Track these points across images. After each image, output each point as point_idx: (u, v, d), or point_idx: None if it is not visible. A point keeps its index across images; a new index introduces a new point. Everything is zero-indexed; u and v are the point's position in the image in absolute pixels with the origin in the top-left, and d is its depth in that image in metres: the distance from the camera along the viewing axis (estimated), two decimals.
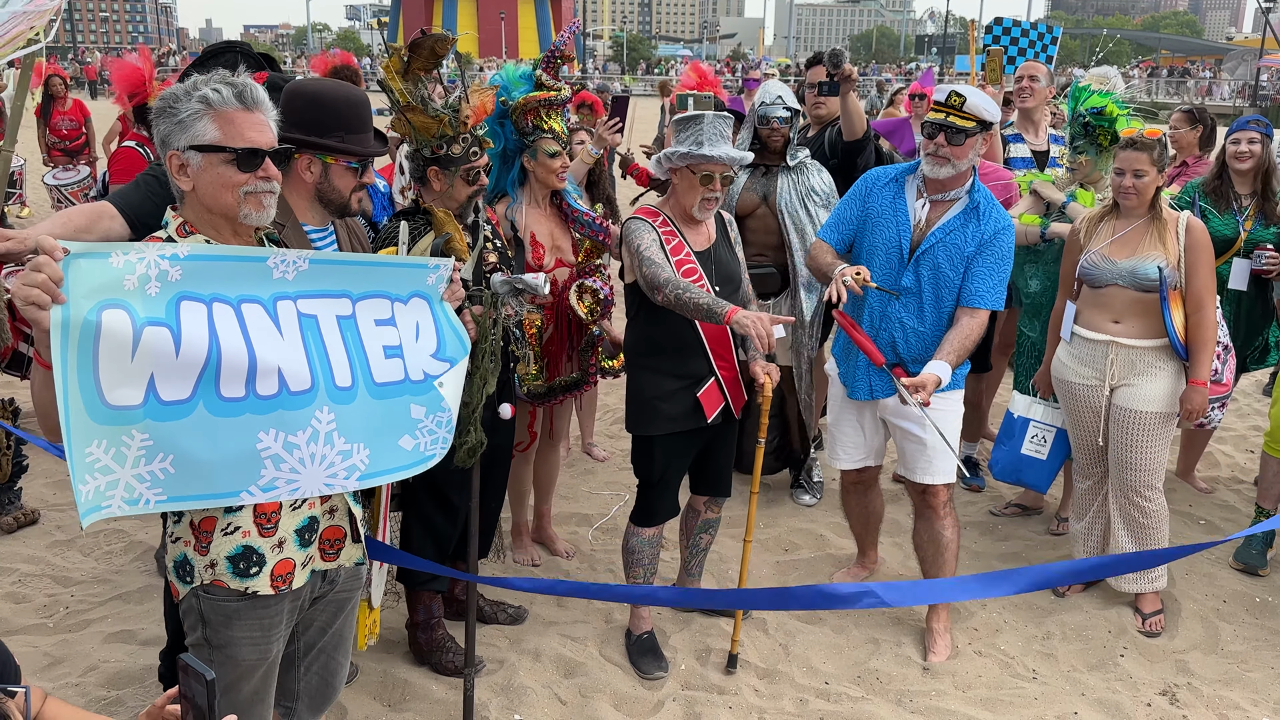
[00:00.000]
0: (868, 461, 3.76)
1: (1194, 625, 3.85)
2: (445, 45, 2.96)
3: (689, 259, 3.28)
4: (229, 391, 1.92)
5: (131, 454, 1.85)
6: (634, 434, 3.42)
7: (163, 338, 1.85)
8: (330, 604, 2.31)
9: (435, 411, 2.29)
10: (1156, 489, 3.76)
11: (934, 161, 3.31)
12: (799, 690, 3.43)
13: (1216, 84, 44.08)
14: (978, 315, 3.34)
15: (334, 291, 2.12)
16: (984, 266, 3.33)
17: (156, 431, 1.87)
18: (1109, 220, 3.75)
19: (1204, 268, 3.60)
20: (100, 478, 1.83)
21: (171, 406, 1.88)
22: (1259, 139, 4.54)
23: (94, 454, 1.82)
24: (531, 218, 3.74)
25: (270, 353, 1.96)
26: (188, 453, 1.90)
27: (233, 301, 1.94)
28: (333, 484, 2.08)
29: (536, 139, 3.59)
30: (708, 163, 3.17)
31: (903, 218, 3.41)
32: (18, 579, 4.03)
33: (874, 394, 3.54)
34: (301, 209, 2.62)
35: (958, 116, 3.25)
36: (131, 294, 1.82)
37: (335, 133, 2.55)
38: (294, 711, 2.39)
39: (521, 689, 3.37)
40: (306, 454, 2.03)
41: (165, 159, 1.95)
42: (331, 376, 2.08)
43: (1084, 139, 4.24)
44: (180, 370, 1.87)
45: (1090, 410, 3.80)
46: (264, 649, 2.13)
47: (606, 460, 5.40)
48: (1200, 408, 3.62)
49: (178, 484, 1.90)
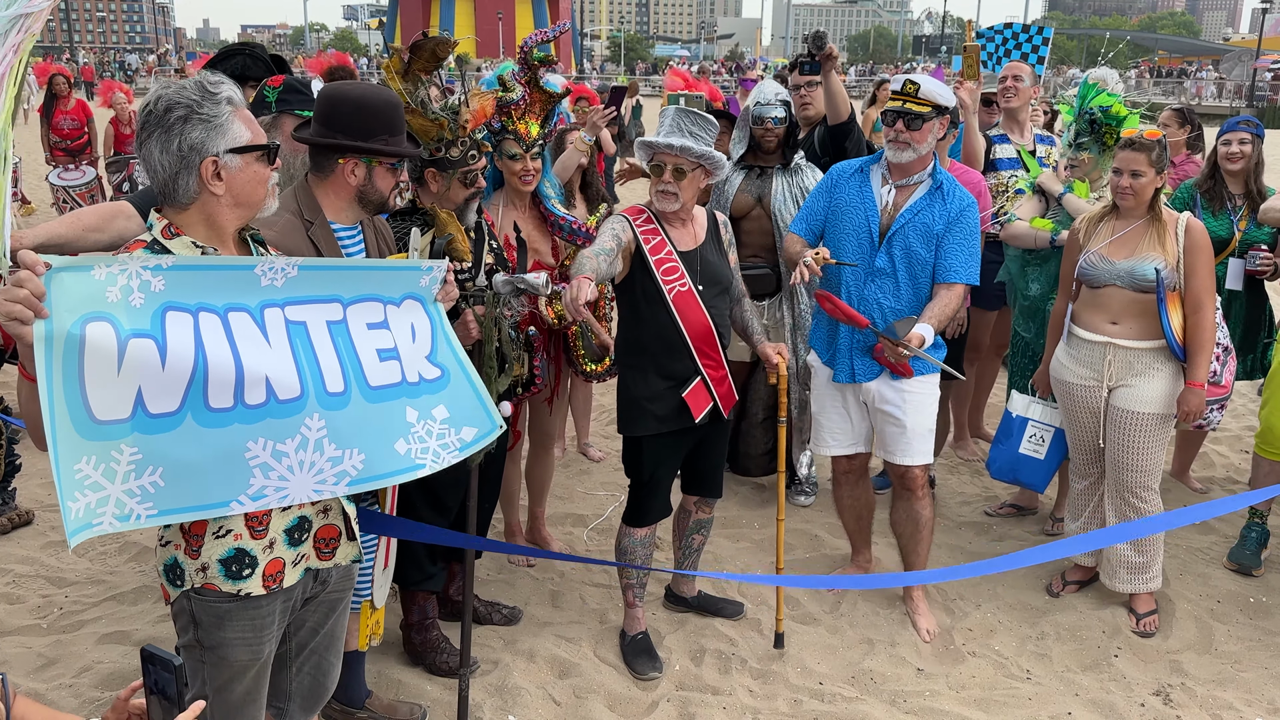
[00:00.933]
0: (858, 447, 3.83)
1: (1188, 625, 3.86)
2: (446, 48, 2.97)
3: (670, 257, 3.28)
4: (217, 402, 1.92)
5: (121, 469, 1.84)
6: (623, 434, 3.43)
7: (148, 349, 1.84)
8: (322, 604, 2.31)
9: (425, 419, 2.27)
10: (1153, 489, 3.76)
11: (896, 147, 3.48)
12: (793, 690, 3.43)
13: (1205, 84, 44.08)
14: (954, 289, 3.52)
15: (324, 297, 2.12)
16: (955, 243, 3.50)
17: (145, 445, 1.86)
18: (1108, 220, 3.74)
19: (1203, 269, 3.59)
20: (90, 494, 1.81)
21: (159, 419, 1.86)
22: (1250, 139, 4.55)
23: (83, 470, 1.80)
24: (508, 219, 3.74)
25: (257, 362, 1.96)
26: (177, 465, 1.89)
27: (219, 310, 1.93)
28: (321, 490, 2.08)
29: (501, 139, 3.58)
30: (657, 151, 3.20)
31: (870, 204, 3.57)
32: (12, 580, 4.02)
33: (856, 377, 3.63)
34: (336, 209, 2.65)
35: (914, 103, 3.44)
36: (115, 306, 1.81)
37: (379, 136, 2.59)
38: (286, 712, 2.39)
39: (516, 690, 3.37)
40: (295, 461, 2.03)
41: (192, 167, 1.92)
42: (322, 383, 2.07)
43: (1089, 136, 4.23)
44: (167, 382, 1.86)
45: (1088, 410, 3.81)
46: (256, 649, 2.13)
47: (602, 460, 5.40)
48: (1198, 409, 3.62)
49: (168, 497, 1.89)
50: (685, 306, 3.28)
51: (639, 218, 3.32)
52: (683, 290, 3.28)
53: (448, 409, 2.32)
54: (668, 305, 3.26)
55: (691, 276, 3.30)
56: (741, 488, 4.96)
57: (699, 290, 3.30)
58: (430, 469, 2.26)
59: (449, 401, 2.33)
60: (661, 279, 3.26)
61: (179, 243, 1.96)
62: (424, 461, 2.25)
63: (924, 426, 3.66)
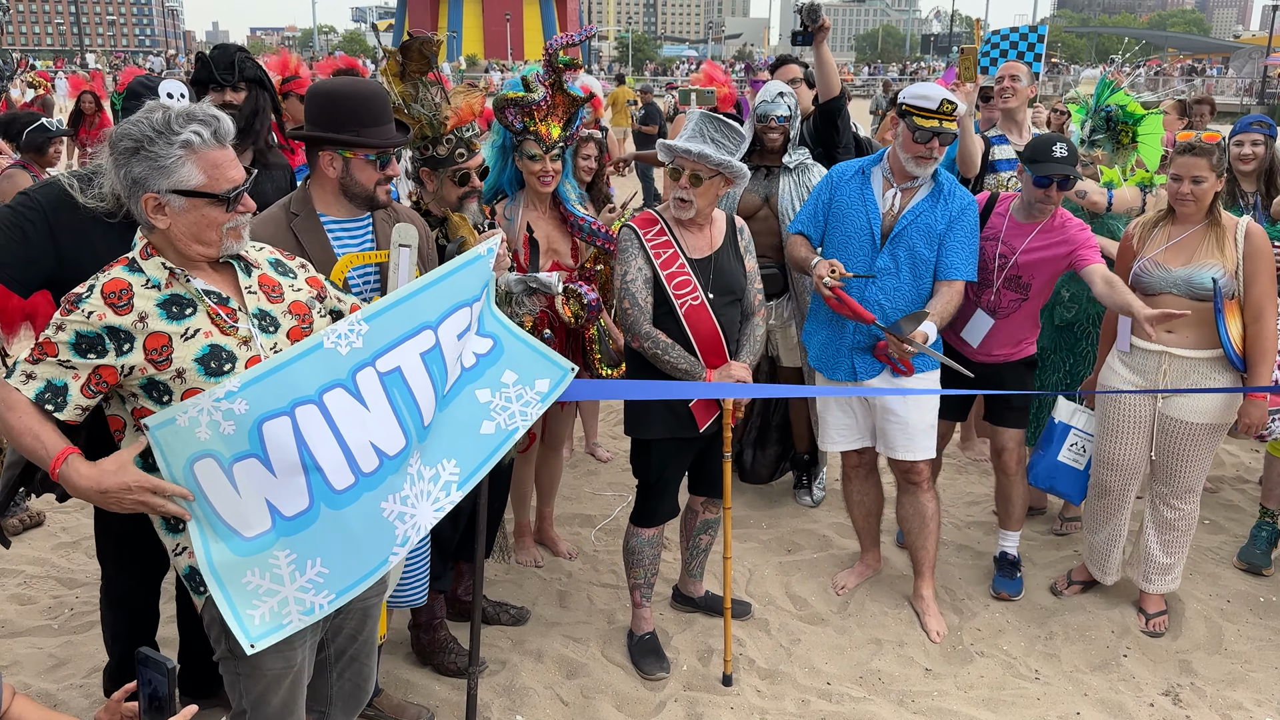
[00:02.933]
0: (864, 441, 3.84)
1: (1197, 625, 3.84)
2: (431, 46, 3.01)
3: (683, 270, 3.25)
4: (339, 483, 2.01)
5: (285, 571, 1.96)
6: (631, 437, 3.43)
7: (254, 468, 1.93)
8: (357, 611, 2.33)
9: (499, 390, 2.37)
10: (1195, 493, 3.72)
11: (924, 164, 3.50)
12: (801, 691, 3.43)
13: (1215, 81, 43.86)
14: (954, 285, 3.56)
15: (411, 331, 2.17)
16: (956, 241, 3.54)
17: (295, 544, 1.97)
18: (1163, 226, 3.61)
19: (1264, 275, 3.46)
20: (268, 600, 1.95)
21: (297, 519, 1.97)
22: (1262, 140, 4.54)
23: (251, 581, 1.94)
24: (527, 219, 3.74)
25: (359, 433, 2.04)
26: (332, 550, 2.00)
27: (314, 398, 2.00)
28: (441, 508, 2.20)
29: (522, 140, 3.59)
30: (678, 156, 3.19)
31: (871, 206, 3.59)
32: (23, 580, 4.05)
33: (856, 374, 3.66)
34: (326, 202, 2.71)
35: (950, 122, 3.43)
36: (210, 442, 1.91)
37: (350, 127, 2.61)
38: (327, 715, 2.42)
39: (524, 690, 3.37)
40: (414, 496, 2.14)
41: (136, 198, 1.93)
42: (420, 420, 2.16)
43: (1104, 133, 4.21)
44: (286, 485, 1.96)
45: (1132, 421, 3.68)
46: (288, 657, 2.12)
47: (610, 460, 5.40)
48: (1260, 421, 3.50)
49: (337, 579, 2.01)
50: (696, 319, 3.25)
51: (650, 229, 3.29)
52: (695, 304, 3.25)
53: (514, 371, 2.42)
54: (678, 317, 3.25)
55: (703, 285, 3.26)
56: (749, 488, 4.96)
57: (710, 299, 3.27)
58: (524, 427, 2.38)
59: (512, 364, 2.43)
60: (673, 292, 3.24)
61: (152, 263, 2.00)
62: (516, 425, 2.38)
63: (925, 422, 3.68)
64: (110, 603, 3.02)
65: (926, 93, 3.43)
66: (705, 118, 3.21)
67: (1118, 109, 4.18)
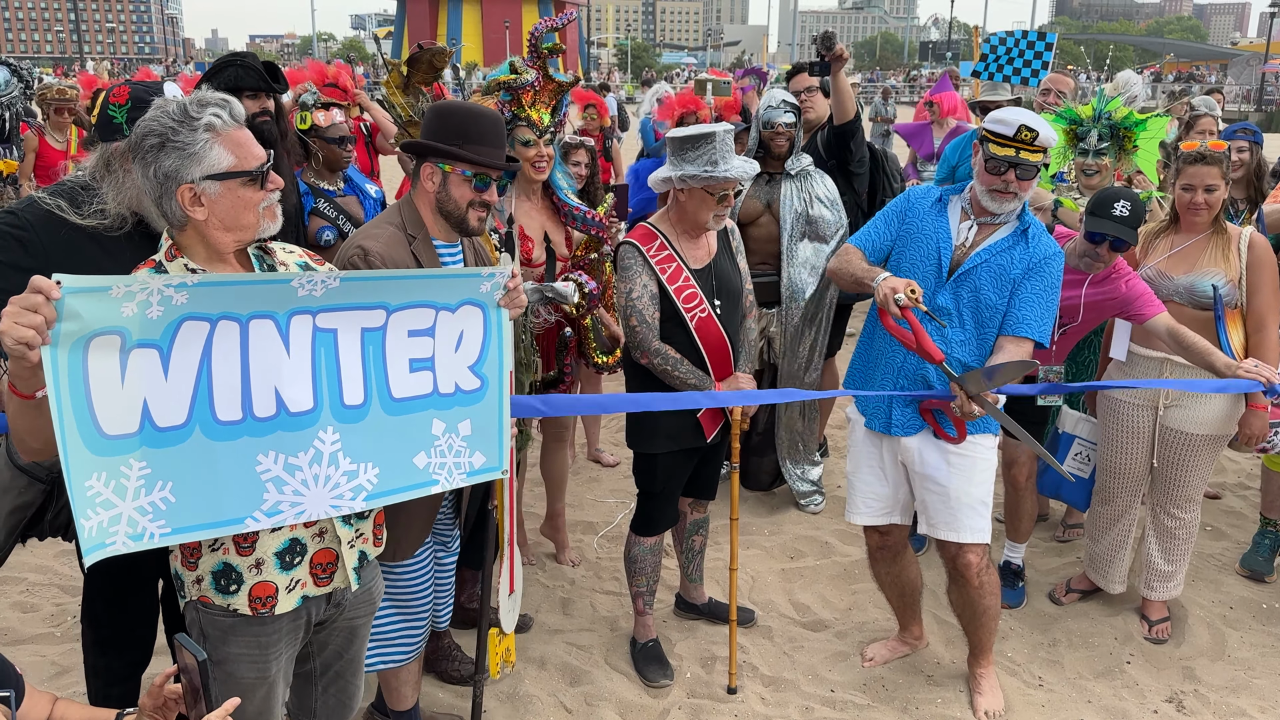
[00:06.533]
0: (893, 517, 3.38)
1: (1201, 632, 3.84)
2: (443, 58, 3.00)
3: (688, 284, 3.25)
4: (225, 415, 1.89)
5: (131, 485, 1.81)
6: (635, 451, 3.42)
7: (150, 359, 1.81)
8: (342, 630, 2.31)
9: (450, 433, 2.24)
10: (1194, 502, 3.72)
11: (1000, 199, 3.04)
12: (804, 698, 3.43)
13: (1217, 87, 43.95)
14: (1023, 345, 3.05)
15: (366, 304, 2.08)
16: (1031, 293, 3.05)
17: (154, 459, 1.82)
18: (1166, 235, 3.61)
19: (1267, 285, 3.45)
20: (102, 513, 1.78)
21: (167, 433, 1.84)
22: (1247, 147, 4.63)
23: (94, 487, 1.77)
24: (521, 210, 3.73)
25: (267, 373, 1.93)
26: (187, 480, 1.86)
27: (241, 319, 1.90)
28: (339, 505, 2.05)
29: (514, 126, 3.57)
30: (724, 182, 3.15)
31: (944, 236, 3.15)
32: (25, 588, 4.04)
33: (891, 429, 3.21)
34: (430, 222, 2.70)
35: (1028, 151, 2.97)
36: (129, 320, 1.77)
37: (454, 141, 2.62)
38: None
39: (527, 697, 3.37)
40: (309, 475, 2.00)
41: (170, 194, 1.90)
42: (340, 395, 2.05)
43: (1109, 142, 4.21)
44: (172, 394, 1.83)
45: (1130, 431, 3.68)
46: (262, 668, 2.11)
47: (614, 465, 5.40)
48: (1261, 432, 3.47)
49: (180, 514, 1.86)
50: (706, 332, 3.26)
51: (650, 244, 3.27)
52: (703, 317, 3.25)
53: (473, 426, 2.29)
54: (688, 330, 3.25)
55: (708, 295, 3.27)
56: (751, 495, 4.96)
57: (715, 304, 3.27)
58: (441, 488, 2.24)
59: (475, 418, 2.30)
60: (683, 306, 3.23)
61: (176, 265, 1.96)
62: (439, 478, 2.23)
63: (973, 496, 3.16)
64: (101, 648, 2.85)
65: (1004, 117, 2.99)
66: (726, 136, 3.17)
67: (1121, 118, 4.18)
